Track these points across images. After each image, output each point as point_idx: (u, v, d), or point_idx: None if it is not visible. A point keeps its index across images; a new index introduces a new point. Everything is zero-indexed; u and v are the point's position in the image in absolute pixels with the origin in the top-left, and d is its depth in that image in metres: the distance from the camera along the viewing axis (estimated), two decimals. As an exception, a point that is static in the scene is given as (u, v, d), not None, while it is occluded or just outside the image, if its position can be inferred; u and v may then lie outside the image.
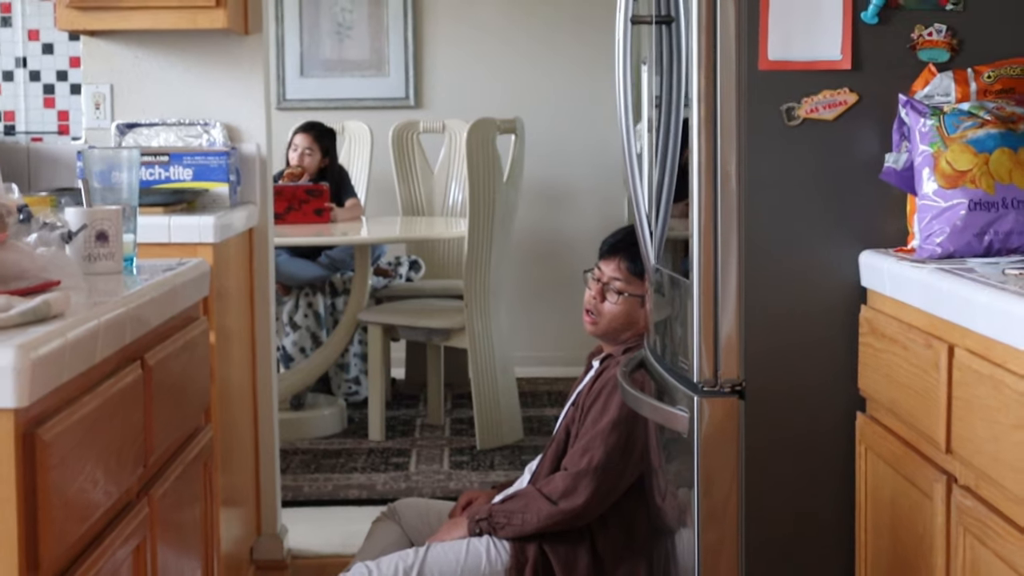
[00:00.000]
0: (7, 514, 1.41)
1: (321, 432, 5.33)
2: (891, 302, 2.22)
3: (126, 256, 2.20)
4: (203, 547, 2.26)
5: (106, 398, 1.67)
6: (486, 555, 3.37)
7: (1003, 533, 1.73)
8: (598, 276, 3.52)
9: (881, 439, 2.25)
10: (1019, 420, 1.67)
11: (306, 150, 5.82)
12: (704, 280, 2.41)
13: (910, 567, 2.11)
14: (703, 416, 2.43)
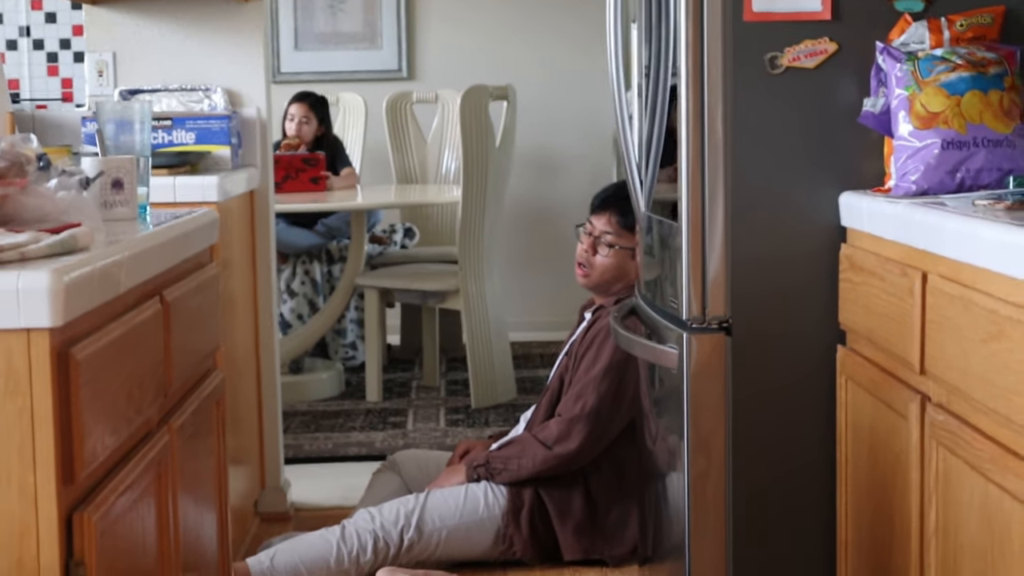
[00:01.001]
0: (45, 427, 1.51)
1: (319, 395, 5.45)
2: (869, 238, 2.34)
3: (140, 205, 2.30)
4: (216, 480, 2.37)
5: (130, 327, 1.78)
6: (484, 500, 3.49)
7: (971, 441, 1.85)
8: (590, 230, 3.63)
9: (860, 368, 2.37)
10: (987, 334, 1.78)
11: (302, 119, 5.91)
12: (692, 222, 2.52)
13: (887, 486, 2.23)
14: (692, 352, 2.55)
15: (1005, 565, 1.76)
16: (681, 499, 2.65)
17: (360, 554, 3.38)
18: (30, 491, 1.52)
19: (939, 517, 2.00)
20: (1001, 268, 1.75)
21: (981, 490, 1.82)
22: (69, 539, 1.56)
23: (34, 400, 1.51)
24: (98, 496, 1.63)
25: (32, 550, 1.53)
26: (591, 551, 3.49)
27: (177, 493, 2.02)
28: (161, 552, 1.94)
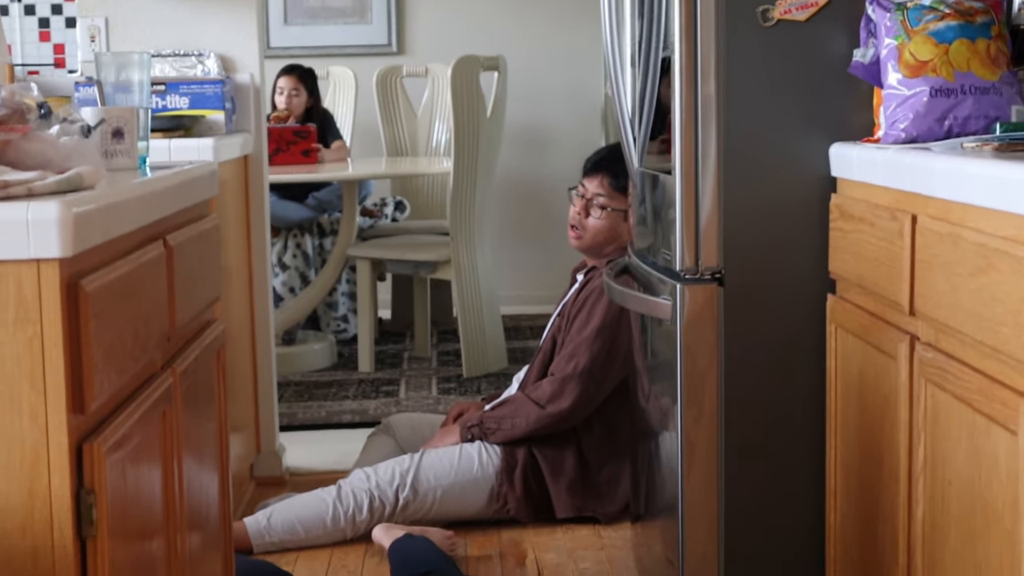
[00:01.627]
0: (55, 357, 1.54)
1: (312, 366, 5.48)
2: (859, 186, 2.37)
3: (140, 157, 2.33)
4: (217, 431, 2.40)
5: (136, 266, 1.81)
6: (478, 459, 3.53)
7: (959, 375, 1.89)
8: (582, 192, 3.67)
9: (850, 314, 2.40)
10: (976, 269, 1.82)
11: (292, 91, 5.93)
12: (685, 173, 2.55)
13: (875, 429, 2.27)
14: (685, 302, 2.58)
15: (992, 495, 1.79)
16: (673, 457, 2.68)
17: (356, 513, 3.42)
18: (41, 419, 1.55)
19: (927, 453, 2.04)
20: (990, 203, 1.78)
21: (969, 422, 1.86)
22: (79, 469, 1.59)
23: (44, 330, 1.54)
24: (107, 428, 1.66)
25: (43, 478, 1.56)
26: (584, 509, 3.54)
27: (182, 437, 2.05)
28: (166, 494, 1.98)
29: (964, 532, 1.90)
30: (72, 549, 1.56)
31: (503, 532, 3.50)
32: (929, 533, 2.04)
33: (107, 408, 1.70)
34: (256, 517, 3.39)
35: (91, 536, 1.59)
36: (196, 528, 2.19)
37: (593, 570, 3.22)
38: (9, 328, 1.53)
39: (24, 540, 1.55)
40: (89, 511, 1.58)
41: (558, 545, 3.40)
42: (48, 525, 1.56)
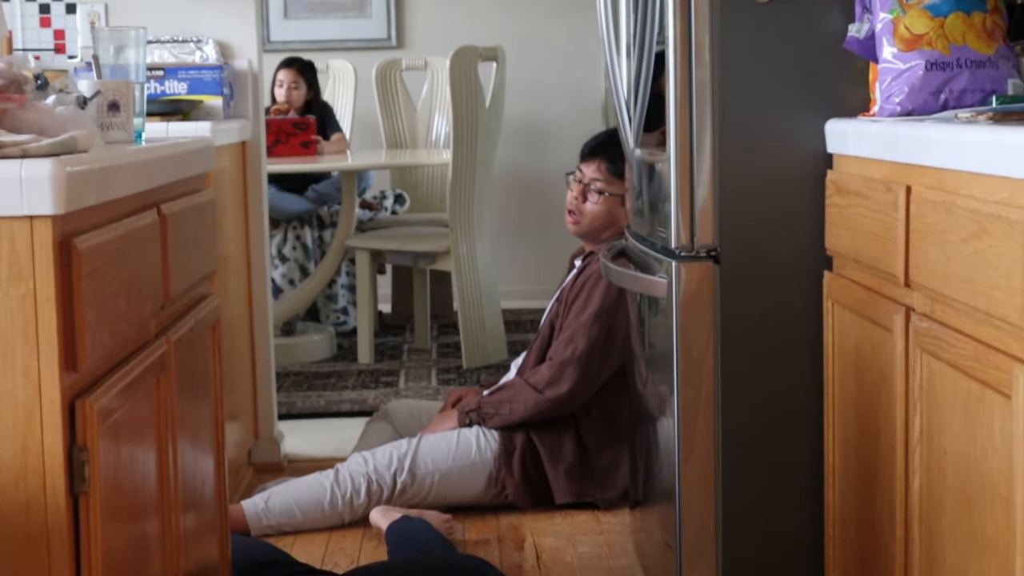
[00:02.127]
0: (49, 312, 1.55)
1: (311, 357, 5.48)
2: (855, 160, 2.37)
3: (135, 132, 2.34)
4: (213, 400, 2.40)
5: (129, 230, 1.81)
6: (476, 444, 3.53)
7: (954, 342, 1.89)
8: (579, 177, 3.67)
9: (846, 290, 2.40)
10: (969, 234, 1.82)
11: (291, 84, 5.94)
12: (680, 150, 2.55)
13: (872, 404, 2.27)
14: (681, 280, 2.58)
15: (987, 463, 1.79)
16: (671, 441, 2.68)
17: (353, 497, 3.42)
18: (34, 375, 1.55)
19: (923, 424, 2.04)
20: (983, 168, 1.78)
21: (964, 389, 1.86)
22: (72, 426, 1.59)
23: (37, 287, 1.54)
24: (99, 388, 1.66)
25: (36, 434, 1.56)
26: (582, 494, 3.53)
27: (176, 406, 2.05)
28: (160, 463, 1.98)
29: (960, 502, 1.90)
30: (64, 505, 1.57)
31: (501, 517, 3.49)
32: (926, 505, 2.04)
33: (100, 369, 1.71)
34: (254, 500, 3.39)
35: (83, 492, 1.59)
36: (191, 501, 2.19)
37: (591, 554, 3.22)
38: (2, 285, 1.54)
39: (17, 495, 1.56)
40: (81, 468, 1.58)
41: (557, 530, 3.40)
42: (41, 480, 1.56)
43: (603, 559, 3.19)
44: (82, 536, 1.60)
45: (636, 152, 2.93)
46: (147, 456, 1.91)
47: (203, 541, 2.31)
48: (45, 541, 1.57)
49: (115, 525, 1.69)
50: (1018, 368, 1.67)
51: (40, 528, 1.56)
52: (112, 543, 1.67)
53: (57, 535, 1.57)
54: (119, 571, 1.71)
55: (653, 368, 2.89)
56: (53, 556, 1.57)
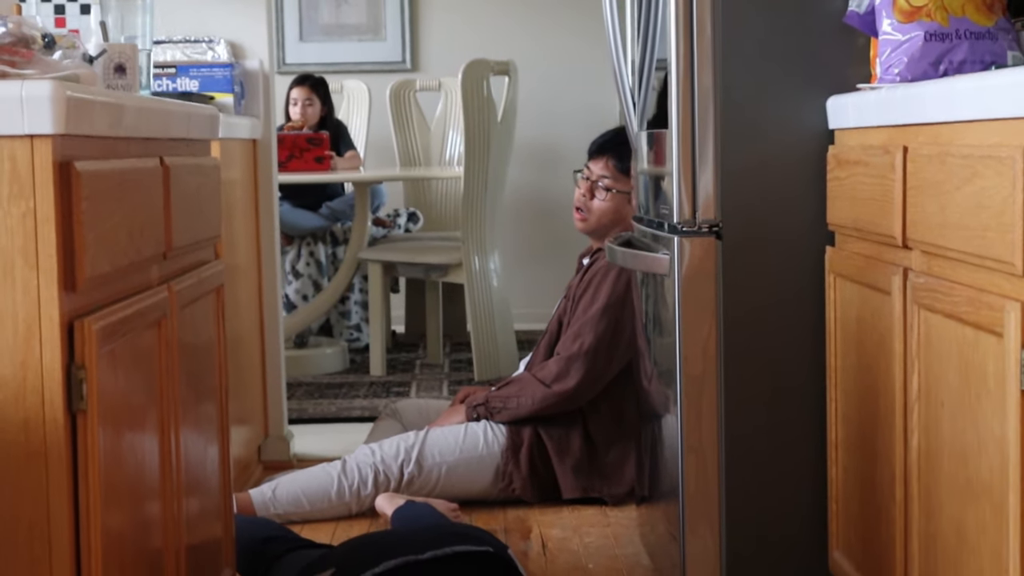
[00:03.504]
0: (48, 231, 1.57)
1: (324, 369, 5.50)
2: (855, 132, 2.39)
3: (143, 99, 2.37)
4: (217, 368, 2.42)
5: (131, 168, 1.84)
6: (483, 438, 3.53)
7: (948, 291, 1.90)
8: (587, 175, 3.70)
9: (847, 260, 2.42)
10: (961, 181, 1.83)
11: (305, 101, 5.99)
12: (682, 126, 2.57)
13: (872, 369, 2.27)
14: (683, 255, 2.60)
15: (981, 408, 1.80)
16: (676, 435, 2.68)
17: (360, 487, 3.42)
18: (33, 293, 1.57)
19: (921, 381, 2.04)
20: (977, 114, 1.80)
21: (958, 337, 1.87)
22: (71, 346, 1.61)
23: (37, 205, 1.56)
24: (99, 312, 1.68)
25: (35, 352, 1.58)
26: (590, 490, 3.53)
27: (176, 355, 2.06)
28: (162, 406, 1.99)
29: (956, 453, 1.90)
30: (62, 422, 1.58)
31: (508, 511, 3.49)
32: (924, 462, 2.04)
33: (100, 296, 1.73)
34: (261, 489, 3.40)
35: (81, 411, 1.61)
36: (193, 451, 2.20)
37: (597, 544, 3.22)
38: (3, 203, 1.56)
39: (16, 412, 1.58)
40: (79, 386, 1.60)
41: (563, 522, 3.40)
42: (40, 398, 1.58)
43: (609, 548, 3.18)
44: (80, 454, 1.61)
45: (641, 136, 2.95)
46: (149, 393, 1.92)
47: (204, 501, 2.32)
48: (43, 458, 1.58)
49: (113, 447, 1.71)
50: (1009, 304, 1.68)
51: (38, 445, 1.58)
52: (110, 464, 1.69)
53: (55, 452, 1.58)
54: (116, 490, 1.72)
55: (657, 355, 2.89)
56: (51, 472, 1.58)
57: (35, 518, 1.59)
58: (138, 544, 1.86)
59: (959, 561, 1.89)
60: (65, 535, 1.59)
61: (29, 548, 1.59)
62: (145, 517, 1.91)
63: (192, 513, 2.18)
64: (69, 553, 1.60)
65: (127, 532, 1.79)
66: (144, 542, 1.90)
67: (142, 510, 1.89)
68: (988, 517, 1.77)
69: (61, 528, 1.59)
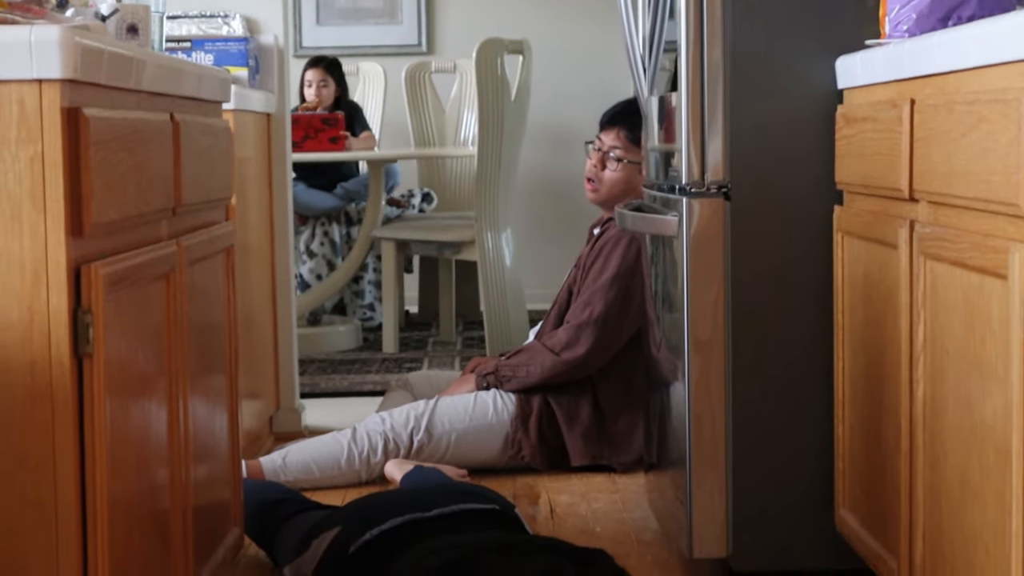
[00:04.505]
0: (56, 175, 1.58)
1: (337, 347, 5.52)
2: (863, 90, 2.40)
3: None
4: (226, 328, 2.43)
5: (140, 120, 1.85)
6: (493, 406, 3.55)
7: (954, 239, 1.90)
8: (598, 146, 3.70)
9: (854, 218, 2.42)
10: (967, 127, 1.84)
11: (320, 82, 6.01)
12: (691, 87, 2.58)
13: (879, 323, 2.27)
14: (692, 216, 2.60)
15: (986, 352, 1.80)
16: (683, 402, 2.68)
17: (371, 455, 3.44)
18: (40, 237, 1.59)
19: (927, 331, 2.04)
20: (983, 59, 1.80)
21: (964, 284, 1.87)
22: (77, 290, 1.62)
23: (45, 149, 1.58)
24: (106, 258, 1.69)
25: (42, 295, 1.59)
26: (599, 457, 3.54)
27: (186, 310, 2.08)
28: (171, 359, 2.01)
29: (961, 399, 1.90)
30: (68, 365, 1.60)
31: (518, 478, 3.50)
32: (929, 411, 2.04)
33: (108, 244, 1.74)
34: (272, 456, 3.42)
35: (87, 355, 1.62)
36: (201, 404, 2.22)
37: (605, 508, 3.23)
38: (12, 147, 1.58)
39: (23, 354, 1.59)
40: (86, 330, 1.62)
41: (572, 489, 3.41)
42: (46, 341, 1.60)
43: (617, 513, 3.19)
44: (86, 398, 1.63)
45: (652, 101, 2.95)
46: (155, 348, 1.94)
47: (213, 460, 2.33)
48: (49, 400, 1.60)
49: (120, 395, 1.72)
50: (1014, 246, 1.68)
51: (44, 387, 1.60)
52: (116, 411, 1.70)
53: (61, 395, 1.60)
54: (122, 436, 1.74)
55: (667, 322, 2.89)
56: (57, 415, 1.60)
57: (41, 460, 1.60)
58: (144, 491, 1.88)
59: (963, 507, 1.89)
60: (71, 477, 1.61)
61: (35, 489, 1.60)
62: (152, 465, 1.92)
63: (200, 470, 2.20)
64: (74, 495, 1.61)
65: (132, 479, 1.81)
66: (151, 491, 1.92)
67: (149, 458, 1.90)
68: (992, 461, 1.77)
69: (67, 470, 1.61)
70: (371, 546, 2.33)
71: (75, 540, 1.62)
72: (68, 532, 1.61)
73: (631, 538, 2.98)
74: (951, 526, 1.95)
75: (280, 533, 2.67)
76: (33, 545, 1.61)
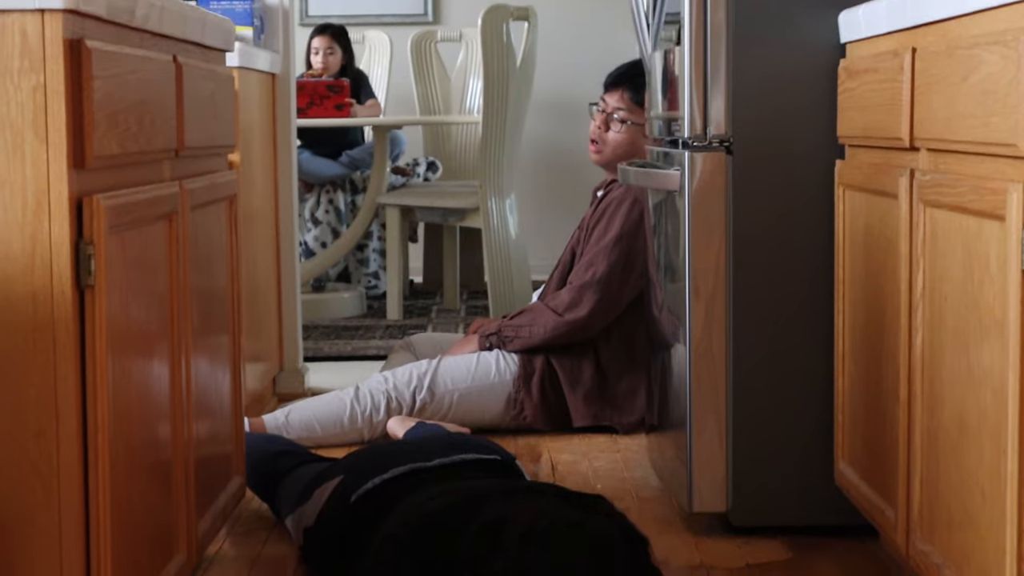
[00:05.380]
0: (58, 106, 1.59)
1: (341, 313, 5.53)
2: (866, 43, 2.40)
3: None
4: (229, 277, 2.44)
5: (143, 56, 1.85)
6: (495, 366, 3.56)
7: (954, 184, 1.90)
8: (602, 107, 3.70)
9: (856, 171, 2.42)
10: (967, 71, 1.84)
11: (327, 50, 6.01)
12: (695, 43, 2.58)
13: (879, 274, 2.28)
14: (694, 170, 2.61)
15: (983, 296, 1.80)
16: (684, 363, 2.69)
17: (373, 413, 3.45)
18: (43, 168, 1.60)
19: (926, 279, 2.05)
20: (983, 2, 1.80)
21: (963, 228, 1.88)
22: (79, 222, 1.63)
23: (48, 80, 1.59)
24: (108, 192, 1.70)
25: (44, 226, 1.61)
26: (601, 418, 3.55)
27: (188, 254, 2.09)
28: (173, 303, 2.02)
29: (959, 344, 1.91)
30: (71, 296, 1.61)
31: (520, 438, 3.52)
32: (928, 358, 2.05)
33: (110, 179, 1.75)
34: (275, 414, 3.43)
35: (89, 286, 1.63)
36: (203, 343, 2.23)
37: (607, 467, 3.24)
38: (14, 77, 1.59)
39: (25, 285, 1.60)
40: (87, 261, 1.63)
41: (574, 448, 3.42)
42: (48, 271, 1.61)
43: (618, 471, 3.21)
44: (87, 329, 1.64)
45: (655, 57, 2.96)
46: (158, 290, 1.95)
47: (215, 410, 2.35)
48: (51, 331, 1.61)
49: (122, 331, 1.73)
50: (1011, 186, 1.69)
51: (46, 318, 1.61)
52: (118, 345, 1.71)
53: (63, 326, 1.61)
54: (123, 369, 1.75)
55: (669, 282, 2.90)
56: (59, 346, 1.61)
57: (42, 389, 1.62)
58: (146, 428, 1.89)
59: (959, 451, 1.90)
60: (72, 407, 1.62)
61: (36, 418, 1.62)
62: (154, 403, 1.93)
63: (202, 414, 2.21)
64: (75, 425, 1.63)
65: (134, 413, 1.82)
66: (152, 428, 1.93)
67: (150, 395, 1.91)
68: (988, 402, 1.78)
69: (68, 400, 1.62)
70: (373, 495, 2.34)
71: (76, 470, 1.63)
72: (69, 463, 1.63)
73: (632, 495, 3.00)
74: (948, 470, 1.96)
75: (282, 485, 2.68)
76: (34, 475, 1.62)
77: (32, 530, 1.62)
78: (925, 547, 2.07)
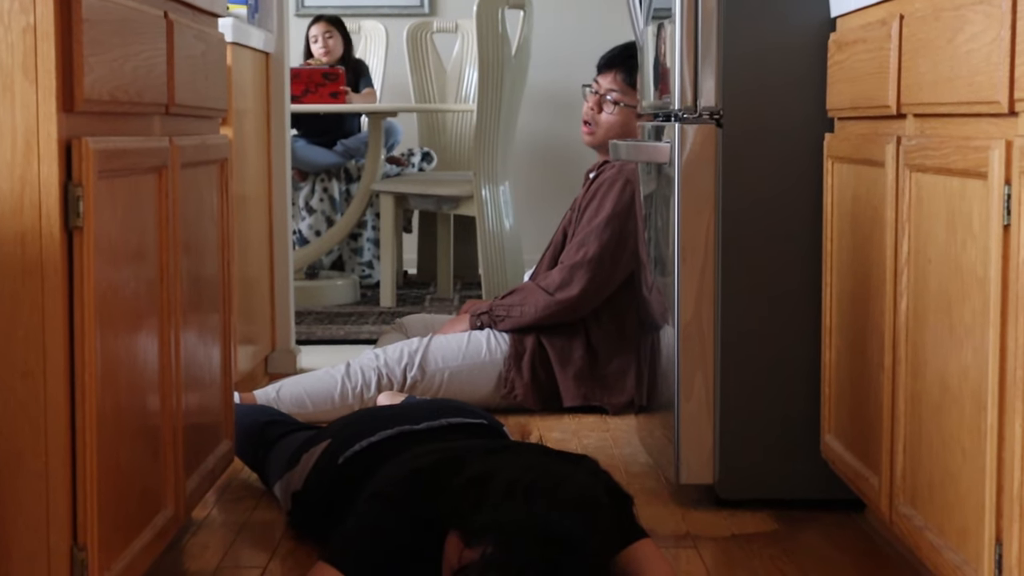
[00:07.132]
0: (48, 48, 1.59)
1: (334, 301, 5.54)
2: (856, 15, 2.41)
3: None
4: (220, 239, 2.45)
5: (134, 8, 1.85)
6: (486, 345, 3.57)
7: (937, 147, 1.92)
8: (596, 88, 3.71)
9: (844, 142, 2.44)
10: (952, 33, 1.85)
11: (326, 34, 6.02)
12: (686, 15, 2.60)
13: (865, 244, 2.29)
14: (684, 142, 2.62)
15: (967, 255, 1.82)
16: (673, 342, 2.70)
17: (364, 390, 3.46)
18: (32, 109, 1.61)
19: (911, 244, 2.06)
20: (968, -36, 1.82)
21: (947, 190, 1.89)
22: (68, 164, 1.64)
23: (37, 21, 1.60)
24: (97, 136, 1.71)
25: (34, 167, 1.62)
26: (591, 398, 3.56)
27: (178, 210, 2.10)
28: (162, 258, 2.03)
29: (942, 305, 1.92)
30: (59, 237, 1.62)
31: (510, 417, 3.52)
32: (912, 322, 2.06)
33: (100, 125, 1.76)
34: (266, 390, 3.44)
35: (77, 228, 1.64)
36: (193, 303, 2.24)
37: (596, 444, 3.25)
38: (4, 18, 1.60)
39: (14, 226, 1.61)
40: (76, 203, 1.64)
41: (564, 427, 3.43)
42: (37, 212, 1.62)
43: (607, 448, 3.22)
44: (75, 271, 1.65)
45: (647, 31, 2.97)
46: (145, 244, 1.96)
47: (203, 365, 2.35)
48: (39, 272, 1.62)
49: (109, 273, 1.74)
50: (994, 143, 1.70)
51: (35, 259, 1.62)
52: (106, 290, 1.72)
53: (51, 267, 1.62)
54: (111, 309, 1.76)
55: (660, 260, 2.91)
56: (47, 287, 1.62)
57: (30, 331, 1.63)
58: (133, 371, 1.90)
59: (941, 412, 1.91)
60: (60, 348, 1.63)
61: (24, 359, 1.63)
62: (141, 346, 1.94)
63: (191, 368, 2.22)
64: (63, 366, 1.64)
65: (122, 356, 1.83)
66: (140, 373, 1.94)
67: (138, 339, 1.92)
68: (970, 360, 1.79)
69: (56, 341, 1.63)
70: (360, 457, 2.35)
71: (64, 411, 1.64)
72: (56, 403, 1.64)
73: (620, 470, 3.00)
74: (930, 433, 1.97)
75: (271, 453, 2.69)
76: (23, 415, 1.63)
77: (20, 470, 1.63)
78: (907, 511, 2.08)
